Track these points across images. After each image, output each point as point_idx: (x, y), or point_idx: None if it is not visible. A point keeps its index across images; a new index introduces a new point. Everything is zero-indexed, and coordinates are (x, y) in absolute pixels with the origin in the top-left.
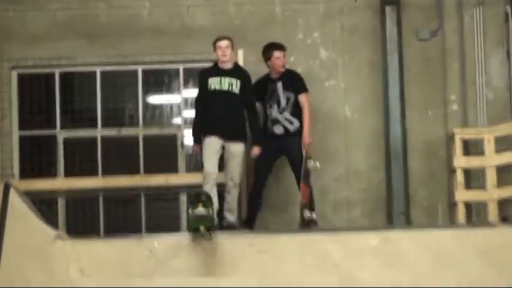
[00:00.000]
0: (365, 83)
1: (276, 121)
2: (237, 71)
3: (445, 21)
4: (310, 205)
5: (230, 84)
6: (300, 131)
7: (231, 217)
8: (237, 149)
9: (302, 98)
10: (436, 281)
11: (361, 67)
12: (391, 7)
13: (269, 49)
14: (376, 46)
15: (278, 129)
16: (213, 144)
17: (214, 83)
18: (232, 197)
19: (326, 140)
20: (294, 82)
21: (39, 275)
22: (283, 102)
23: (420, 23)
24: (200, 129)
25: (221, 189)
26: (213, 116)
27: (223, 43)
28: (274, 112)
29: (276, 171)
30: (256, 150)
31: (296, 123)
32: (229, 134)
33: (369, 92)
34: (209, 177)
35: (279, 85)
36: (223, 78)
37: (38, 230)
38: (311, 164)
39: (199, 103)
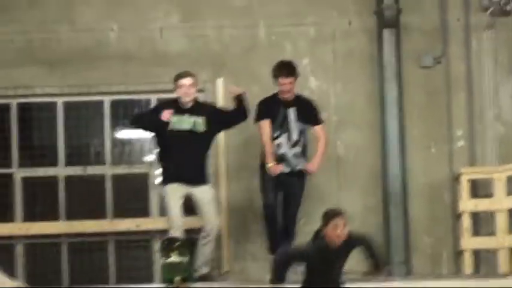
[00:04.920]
0: (360, 116)
1: (283, 158)
2: (199, 108)
3: (450, 46)
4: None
5: (193, 124)
6: (303, 171)
7: (205, 269)
8: (205, 195)
9: (319, 130)
10: None
11: (356, 98)
12: (390, 31)
13: (276, 70)
14: (373, 74)
15: (280, 168)
16: (176, 191)
17: (175, 122)
18: (209, 249)
19: (316, 179)
20: (310, 112)
21: None
22: (295, 134)
23: (422, 48)
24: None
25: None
26: (173, 160)
27: (187, 81)
28: (283, 145)
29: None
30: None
31: (303, 162)
32: (193, 180)
33: (365, 126)
34: (176, 226)
35: (292, 113)
36: (185, 116)
37: None
38: None
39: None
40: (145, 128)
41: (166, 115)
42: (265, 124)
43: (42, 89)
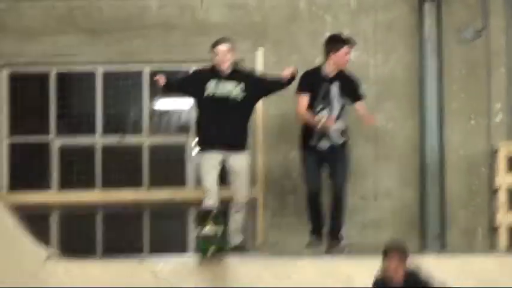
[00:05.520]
0: (399, 88)
1: (323, 133)
2: (237, 74)
3: (491, 19)
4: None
5: (231, 90)
6: (345, 143)
7: (238, 238)
8: (240, 163)
9: (360, 107)
10: None
11: (396, 70)
12: (430, 3)
13: (338, 42)
14: (413, 46)
15: (324, 144)
16: (211, 158)
17: (211, 87)
18: (239, 216)
19: (354, 151)
20: (353, 89)
21: None
22: (336, 108)
23: (463, 21)
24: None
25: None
26: (209, 127)
27: (223, 47)
28: (324, 119)
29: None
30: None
31: (344, 136)
32: (229, 147)
33: (404, 98)
34: (210, 194)
35: (335, 87)
36: (222, 83)
37: (28, 250)
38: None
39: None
40: (181, 92)
41: (161, 80)
42: (304, 99)
43: (82, 57)
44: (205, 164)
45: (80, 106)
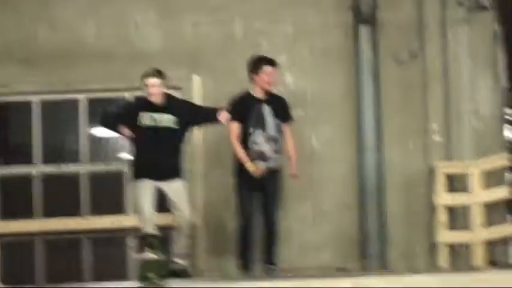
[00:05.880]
0: (337, 112)
1: (260, 155)
2: (170, 105)
3: (426, 42)
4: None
5: (164, 121)
6: (279, 167)
7: (182, 262)
8: (175, 188)
9: (287, 128)
10: None
11: (333, 93)
12: (366, 27)
13: (259, 62)
14: (350, 70)
15: (260, 166)
16: (145, 186)
17: (144, 118)
18: (183, 240)
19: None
20: (283, 108)
21: None
22: (270, 129)
23: (399, 43)
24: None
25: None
26: (143, 156)
27: (153, 81)
28: (259, 141)
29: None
30: (224, 115)
31: (279, 159)
32: (163, 176)
33: (341, 122)
34: (148, 221)
35: (266, 109)
36: (155, 113)
37: None
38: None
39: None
40: (115, 130)
41: (126, 132)
42: (234, 126)
43: (19, 86)
44: (140, 192)
45: (17, 136)
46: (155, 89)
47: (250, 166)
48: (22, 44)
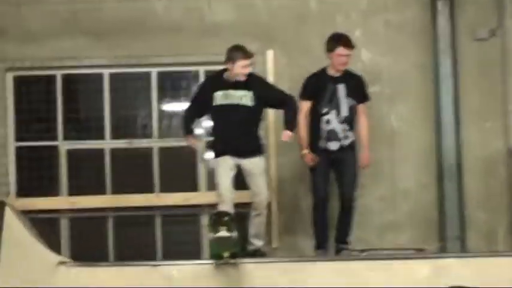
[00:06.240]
0: (414, 90)
1: (332, 134)
2: (247, 81)
3: (506, 18)
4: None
5: (240, 98)
6: (353, 143)
7: (258, 242)
8: (255, 166)
9: (362, 108)
10: None
11: (409, 70)
12: (444, 2)
13: (333, 42)
14: (427, 47)
15: (333, 145)
16: (225, 163)
17: (221, 96)
18: (260, 220)
19: (369, 153)
20: (359, 88)
21: None
22: (344, 110)
23: (477, 20)
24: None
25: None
26: (222, 134)
27: (247, 62)
28: (332, 121)
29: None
30: (286, 135)
31: (352, 137)
32: (243, 153)
33: (419, 100)
34: (225, 199)
35: (341, 88)
36: (231, 91)
37: (38, 256)
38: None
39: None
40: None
41: (191, 141)
42: (305, 105)
43: (88, 59)
44: (220, 169)
45: (87, 110)
46: (246, 70)
47: (305, 153)
48: (91, 15)
